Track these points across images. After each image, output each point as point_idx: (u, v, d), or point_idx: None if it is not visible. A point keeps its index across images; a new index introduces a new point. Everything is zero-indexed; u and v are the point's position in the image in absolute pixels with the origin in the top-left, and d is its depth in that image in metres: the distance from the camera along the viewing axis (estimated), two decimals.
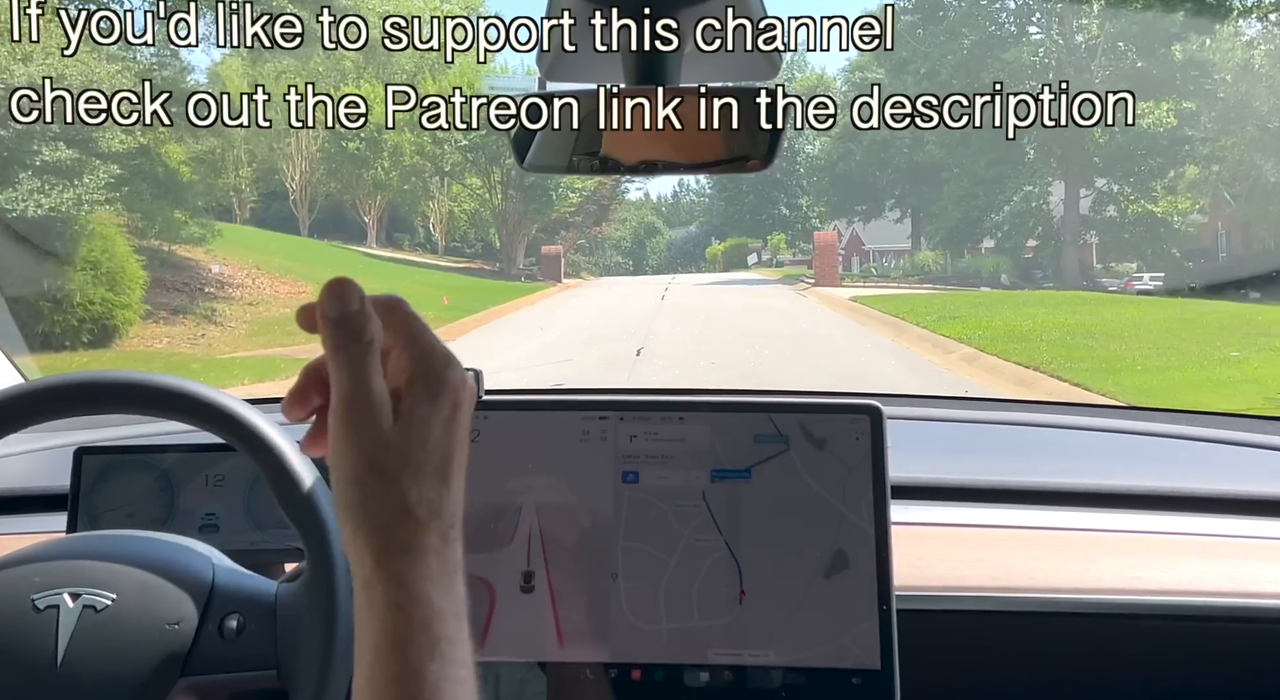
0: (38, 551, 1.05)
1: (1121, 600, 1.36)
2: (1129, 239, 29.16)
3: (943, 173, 31.33)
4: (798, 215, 42.91)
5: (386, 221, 37.90)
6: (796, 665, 1.21)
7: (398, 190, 33.22)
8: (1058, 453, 1.94)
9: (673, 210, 59.54)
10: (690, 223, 56.39)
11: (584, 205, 35.60)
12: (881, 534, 1.22)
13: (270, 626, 1.03)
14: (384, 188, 33.01)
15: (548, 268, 31.86)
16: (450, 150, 29.88)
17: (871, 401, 1.27)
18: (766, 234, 43.39)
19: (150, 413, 1.07)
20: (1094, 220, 29.84)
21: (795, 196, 42.67)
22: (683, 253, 51.78)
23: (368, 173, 31.62)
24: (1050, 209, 30.52)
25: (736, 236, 45.20)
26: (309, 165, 33.02)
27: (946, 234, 31.64)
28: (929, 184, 32.08)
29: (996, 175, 29.61)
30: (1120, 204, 28.88)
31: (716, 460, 1.25)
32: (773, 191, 42.99)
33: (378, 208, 35.71)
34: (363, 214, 35.95)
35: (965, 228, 30.66)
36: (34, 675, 0.97)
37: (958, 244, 31.74)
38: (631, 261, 50.43)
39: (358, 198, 34.81)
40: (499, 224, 32.83)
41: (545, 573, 1.23)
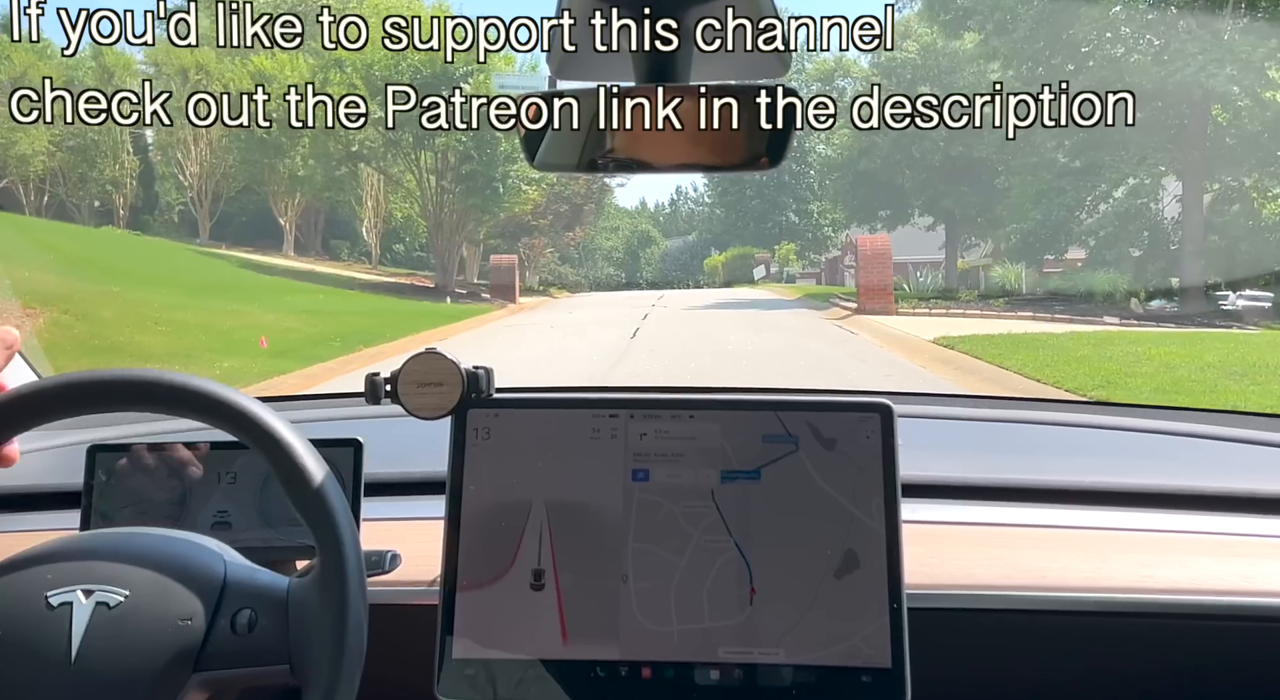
0: (50, 550, 1.06)
1: (1134, 599, 1.35)
2: (1247, 249, 21.38)
3: (992, 168, 25.87)
4: (808, 223, 39.00)
5: (321, 227, 32.08)
6: (807, 663, 1.20)
7: (320, 186, 27.25)
8: (1069, 451, 1.93)
9: (670, 219, 55.73)
10: (689, 232, 52.25)
11: (550, 205, 29.40)
12: (892, 533, 1.22)
13: (283, 621, 1.03)
14: (303, 183, 26.98)
15: (498, 282, 24.99)
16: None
17: (881, 399, 1.26)
18: (773, 243, 39.10)
19: (163, 410, 1.08)
20: (1218, 223, 22.53)
21: (805, 201, 38.65)
22: (679, 264, 47.60)
23: (282, 163, 25.45)
24: (1160, 208, 23.77)
25: (740, 246, 40.54)
26: (211, 154, 26.72)
27: (1021, 241, 25.38)
28: (970, 184, 27.30)
29: (1090, 164, 23.08)
30: (1249, 202, 21.59)
31: (726, 460, 1.25)
32: (780, 196, 38.88)
33: (296, 208, 29.52)
34: (279, 215, 29.69)
35: (1047, 233, 24.58)
36: (49, 671, 0.98)
37: (1036, 254, 25.46)
38: (624, 273, 46.48)
39: (273, 195, 28.76)
40: (431, 225, 26.09)
41: (554, 571, 1.23)
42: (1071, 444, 1.95)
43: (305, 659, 1.02)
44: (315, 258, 30.04)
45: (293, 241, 30.22)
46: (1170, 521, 1.52)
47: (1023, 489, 1.60)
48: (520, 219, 28.49)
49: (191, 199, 27.48)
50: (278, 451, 1.05)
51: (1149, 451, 1.89)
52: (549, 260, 37.18)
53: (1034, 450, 1.94)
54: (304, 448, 1.05)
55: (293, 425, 1.06)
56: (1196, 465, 1.83)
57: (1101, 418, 2.04)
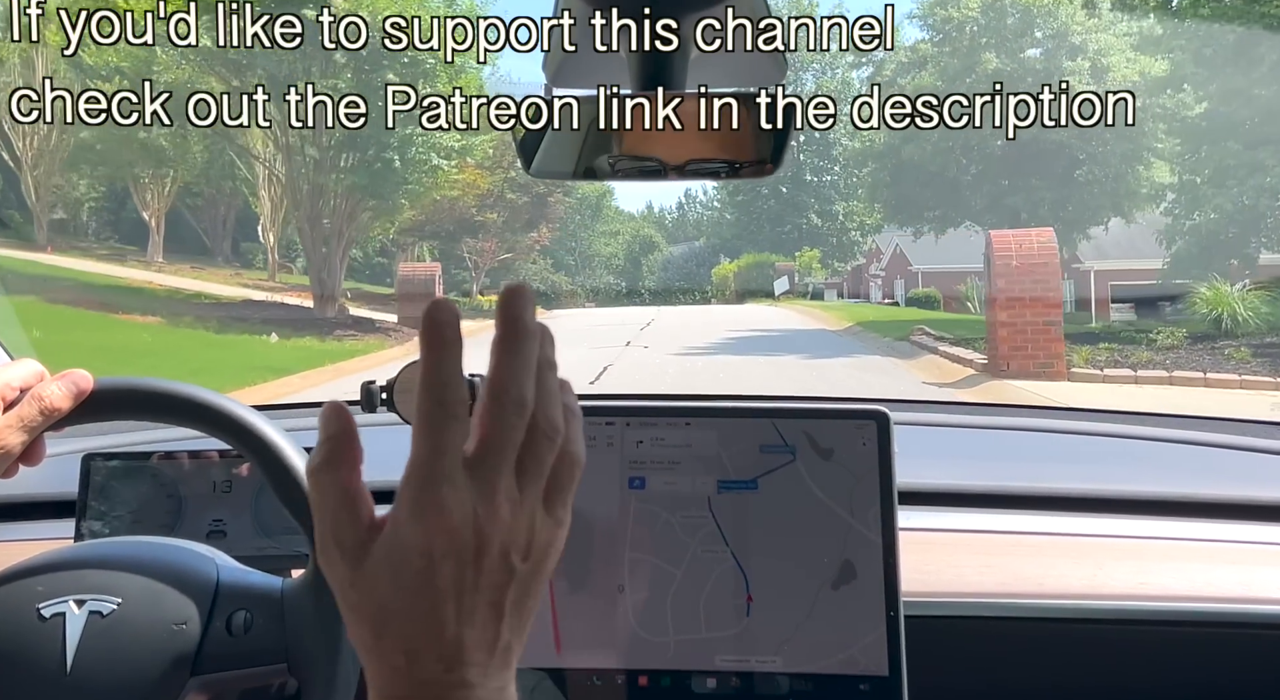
0: (39, 563, 1.05)
1: (1130, 606, 1.35)
2: None
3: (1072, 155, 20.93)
4: (832, 226, 33.68)
5: (232, 226, 26.05)
6: (804, 672, 1.20)
7: (197, 168, 20.92)
8: (1065, 458, 1.93)
9: (678, 225, 50.72)
10: (697, 238, 46.78)
11: (502, 197, 21.66)
12: (888, 540, 1.22)
13: (278, 620, 1.03)
14: (172, 163, 20.52)
15: (408, 297, 17.30)
16: (191, 60, 15.40)
17: (877, 407, 1.26)
18: (792, 250, 33.18)
19: (157, 419, 1.08)
20: None
21: (829, 202, 33.43)
22: (683, 272, 41.65)
23: (137, 135, 18.64)
24: None
25: (755, 252, 34.38)
26: (46, 130, 19.79)
27: (1202, 243, 18.47)
28: (1045, 175, 21.81)
29: None
30: None
31: (723, 470, 1.25)
32: (800, 195, 33.64)
33: (166, 199, 22.53)
34: (142, 209, 22.91)
35: (1240, 231, 18.05)
36: (45, 683, 0.98)
37: (1221, 260, 17.66)
38: (624, 282, 41.52)
39: (132, 182, 22.00)
40: (302, 217, 18.18)
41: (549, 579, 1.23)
42: (1068, 451, 1.95)
43: (302, 657, 1.02)
44: (199, 264, 23.26)
45: (160, 243, 23.17)
46: (1167, 528, 1.52)
47: (1019, 496, 1.60)
48: (460, 213, 21.33)
49: (26, 189, 21.01)
50: (269, 458, 1.04)
51: (1145, 458, 1.90)
52: (542, 267, 31.14)
53: (1030, 457, 1.94)
54: (296, 454, 1.05)
55: (286, 433, 1.06)
56: (1192, 472, 1.83)
57: (1097, 425, 2.04)
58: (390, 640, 0.64)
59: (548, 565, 0.67)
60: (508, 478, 0.64)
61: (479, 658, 0.64)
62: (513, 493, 0.64)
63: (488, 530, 0.63)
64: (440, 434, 0.63)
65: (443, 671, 0.63)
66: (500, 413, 0.64)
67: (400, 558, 0.63)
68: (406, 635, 0.63)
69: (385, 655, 0.64)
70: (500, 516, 0.63)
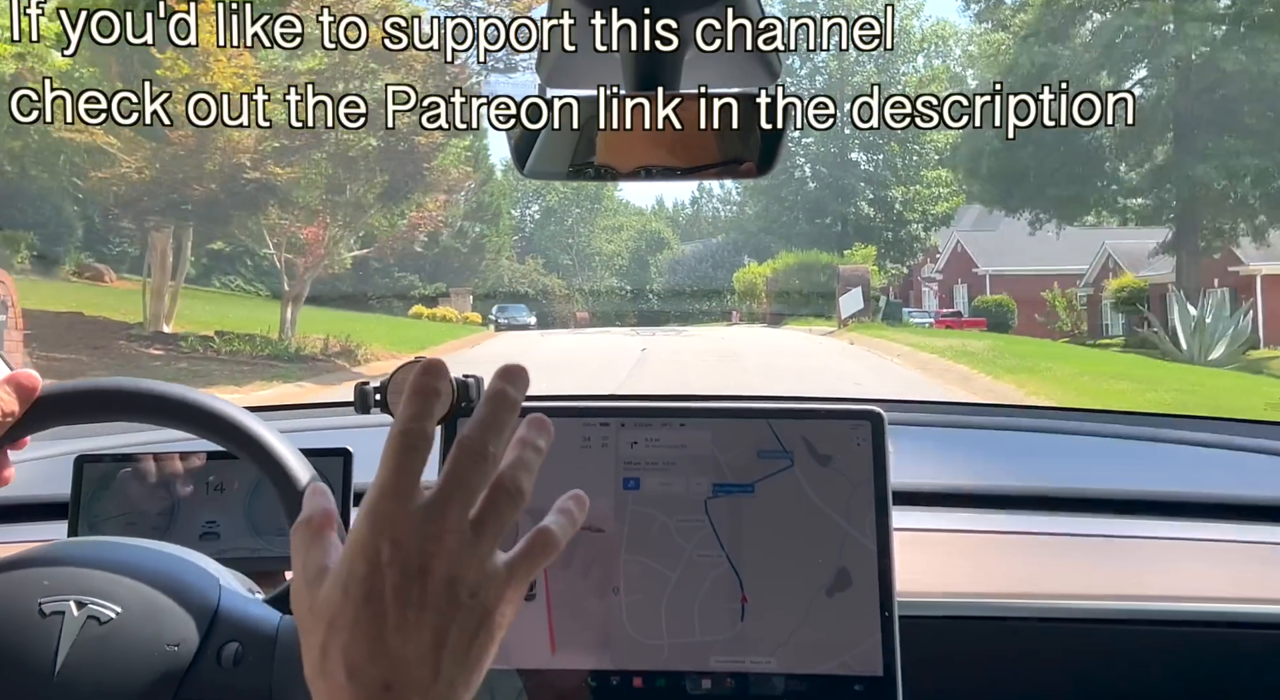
0: (46, 554, 1.05)
1: (1124, 607, 1.36)
2: None
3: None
4: (888, 216, 26.10)
5: None
6: (799, 672, 1.20)
7: None
8: (1061, 458, 1.93)
9: (691, 222, 43.97)
10: (714, 235, 39.24)
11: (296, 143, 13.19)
12: (884, 544, 1.22)
13: (269, 659, 1.01)
14: None
15: None
16: None
17: (872, 407, 1.26)
18: (839, 248, 25.56)
19: (151, 420, 1.07)
20: None
21: (885, 186, 25.93)
22: (695, 275, 34.47)
23: None
24: None
25: (792, 250, 26.30)
26: None
27: None
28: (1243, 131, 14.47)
29: None
30: None
31: (719, 471, 1.25)
32: (845, 179, 25.90)
33: None
34: None
35: None
36: (30, 680, 0.97)
37: None
38: (630, 285, 35.37)
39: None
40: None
41: (544, 581, 1.23)
42: (1063, 451, 1.96)
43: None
44: None
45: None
46: (1160, 528, 1.52)
47: (1014, 496, 1.60)
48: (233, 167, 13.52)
49: None
50: (268, 461, 1.04)
51: (1140, 458, 1.90)
52: (532, 267, 25.25)
53: (1026, 457, 1.94)
54: (294, 456, 1.05)
55: (282, 435, 1.06)
56: (1187, 472, 1.84)
57: (1092, 425, 2.05)
58: (334, 655, 0.65)
59: (496, 618, 0.68)
60: (458, 513, 0.67)
61: (419, 681, 0.65)
62: (462, 529, 0.67)
63: (432, 551, 0.65)
64: (404, 455, 0.67)
65: (382, 690, 0.64)
66: (458, 455, 0.68)
67: (349, 563, 0.66)
68: (349, 648, 0.65)
69: (330, 674, 0.65)
70: (445, 544, 0.66)
